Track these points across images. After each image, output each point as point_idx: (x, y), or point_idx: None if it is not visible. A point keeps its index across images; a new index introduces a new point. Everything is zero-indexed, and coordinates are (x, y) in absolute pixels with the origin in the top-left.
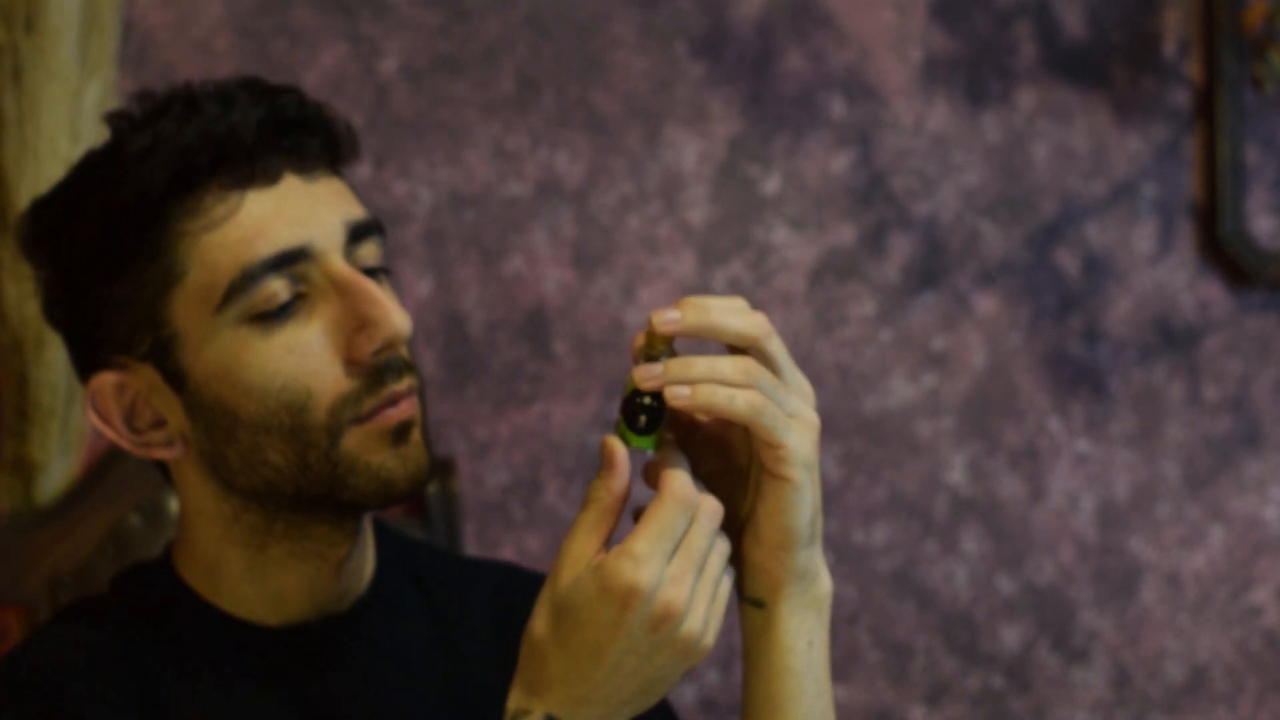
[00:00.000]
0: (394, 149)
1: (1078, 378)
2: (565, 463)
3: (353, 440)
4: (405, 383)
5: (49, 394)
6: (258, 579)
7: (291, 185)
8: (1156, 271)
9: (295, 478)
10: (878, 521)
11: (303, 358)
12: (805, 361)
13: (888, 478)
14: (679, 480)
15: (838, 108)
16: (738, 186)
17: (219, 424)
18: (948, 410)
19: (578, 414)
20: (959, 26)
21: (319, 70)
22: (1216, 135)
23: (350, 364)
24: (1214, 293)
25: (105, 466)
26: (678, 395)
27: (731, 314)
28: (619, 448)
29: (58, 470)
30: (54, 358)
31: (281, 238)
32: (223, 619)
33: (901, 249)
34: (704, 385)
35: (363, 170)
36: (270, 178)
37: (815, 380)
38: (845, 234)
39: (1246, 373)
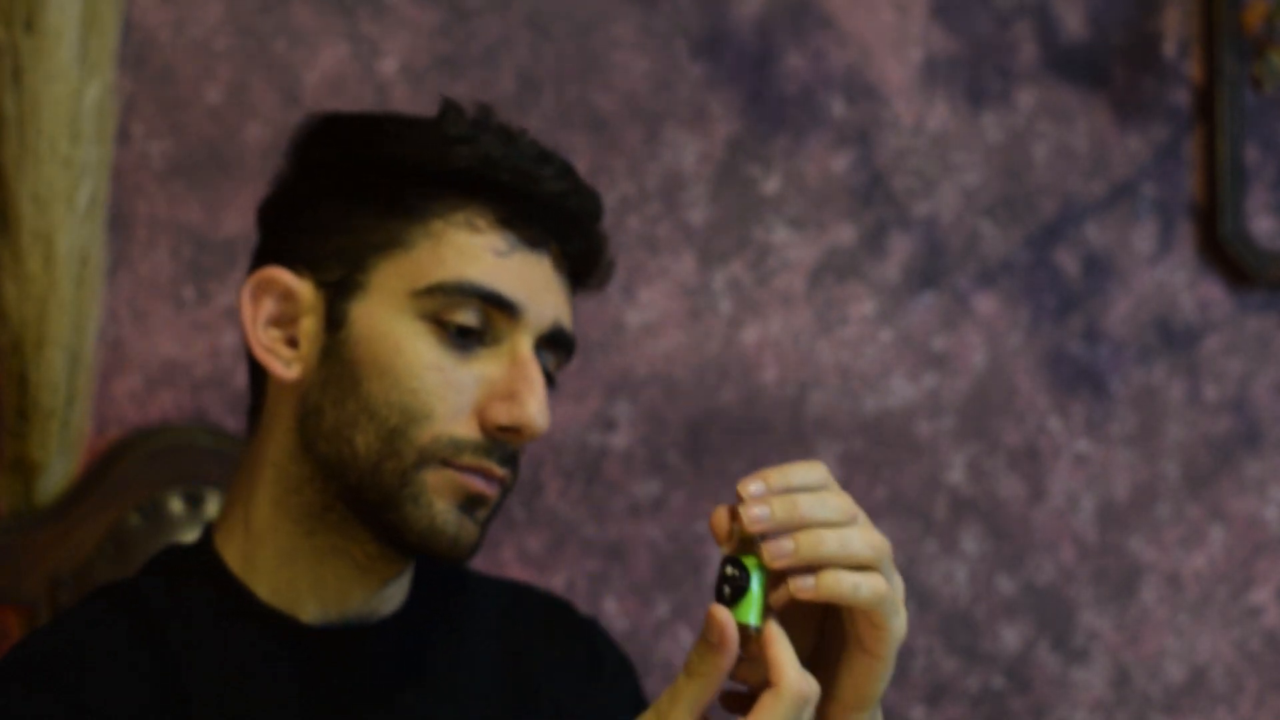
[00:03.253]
0: None
1: (1078, 378)
2: (565, 463)
3: (432, 476)
4: (503, 471)
5: (49, 394)
6: (297, 565)
7: (541, 260)
8: (1156, 271)
9: (364, 471)
10: (878, 521)
11: (446, 383)
12: (805, 361)
13: (888, 478)
14: (795, 672)
15: (838, 108)
16: (738, 186)
17: (340, 381)
18: (948, 410)
19: (578, 414)
20: (959, 26)
21: (319, 70)
22: (1216, 135)
23: (478, 420)
24: (1214, 293)
25: (105, 466)
26: (803, 589)
27: (832, 512)
28: (729, 622)
29: (58, 470)
30: (54, 358)
31: (507, 285)
32: (253, 603)
33: (901, 249)
34: (829, 575)
35: None
36: (536, 242)
37: (815, 380)
38: (845, 234)
39: (1246, 373)
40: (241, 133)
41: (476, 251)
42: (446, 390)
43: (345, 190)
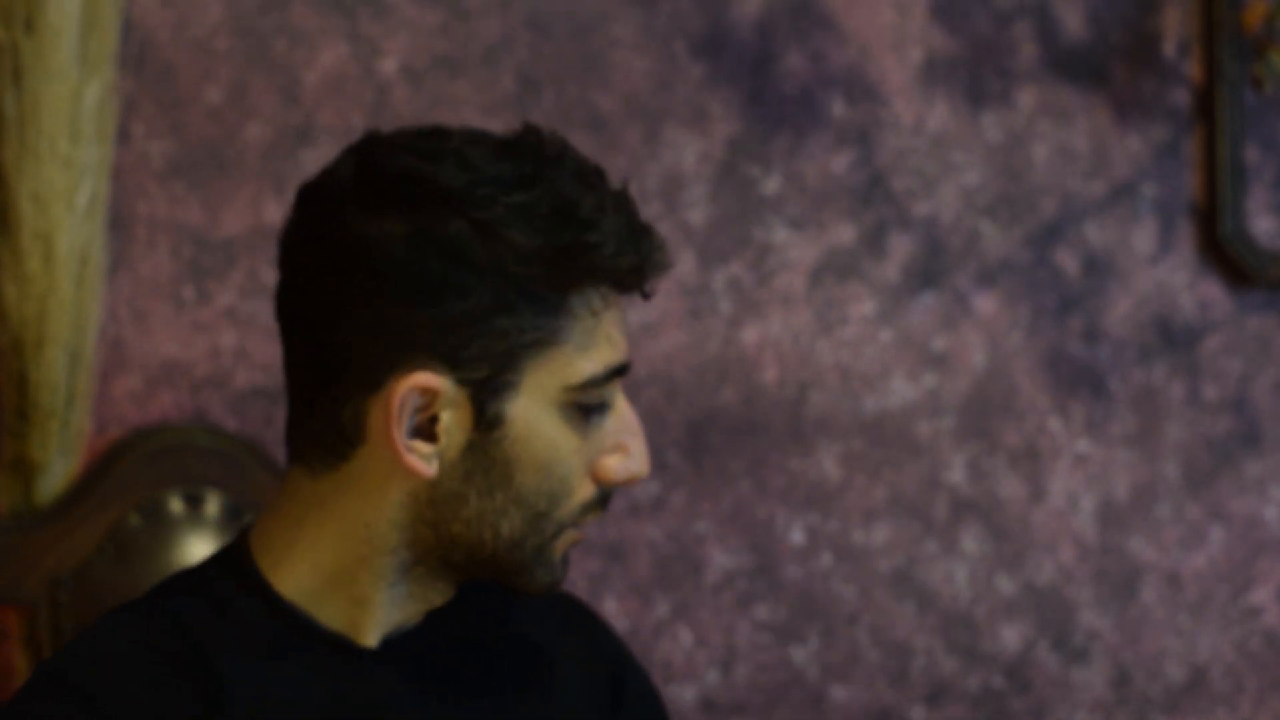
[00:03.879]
0: None
1: (1078, 378)
2: None
3: (560, 541)
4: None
5: (49, 394)
6: (364, 601)
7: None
8: (1156, 271)
9: (501, 550)
10: (878, 521)
11: (583, 459)
12: (805, 361)
13: (888, 478)
14: None
15: (838, 108)
16: (738, 186)
17: (488, 474)
18: (948, 410)
19: None
20: (959, 26)
21: (319, 70)
22: (1216, 135)
23: (592, 477)
24: (1214, 293)
25: (105, 466)
26: None
27: None
28: None
29: (58, 470)
30: (54, 358)
31: (624, 350)
32: (313, 629)
33: (901, 249)
34: None
35: None
36: (644, 295)
37: (815, 380)
38: (845, 234)
39: (1246, 373)
40: (241, 133)
41: (610, 330)
42: (582, 463)
43: (487, 288)
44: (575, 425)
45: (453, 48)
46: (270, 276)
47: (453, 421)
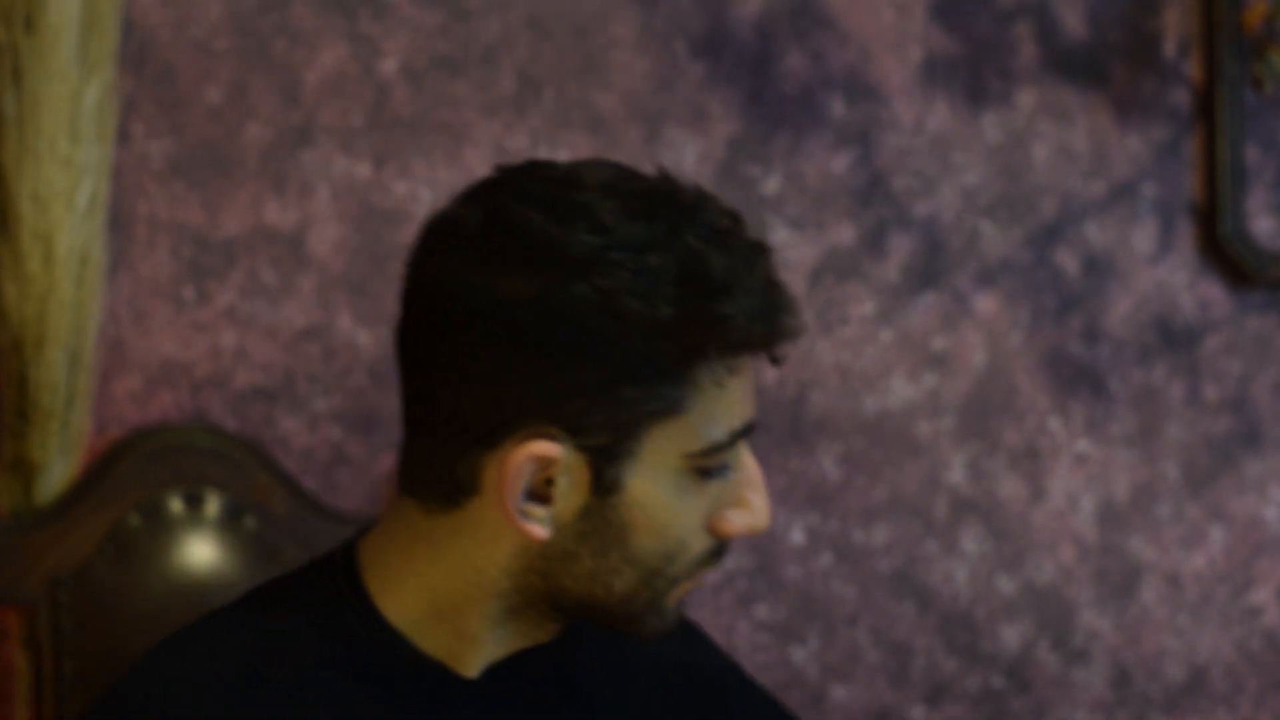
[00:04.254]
0: (394, 149)
1: (1078, 378)
2: None
3: (674, 593)
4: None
5: (49, 394)
6: (469, 635)
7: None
8: (1156, 271)
9: (614, 605)
10: (878, 521)
11: (702, 516)
12: (805, 361)
13: (888, 478)
14: None
15: (838, 108)
16: (738, 186)
17: (603, 535)
18: (948, 410)
19: None
20: (959, 26)
21: (319, 70)
22: (1216, 135)
23: (710, 529)
24: (1214, 293)
25: (105, 466)
26: None
27: None
28: None
29: (58, 470)
30: (54, 358)
31: (750, 409)
32: (418, 656)
33: (901, 249)
34: None
35: (362, 170)
36: (774, 361)
37: (815, 380)
38: (845, 234)
39: (1246, 373)
40: (241, 133)
41: (738, 396)
42: (701, 524)
43: (611, 357)
44: (694, 487)
45: (453, 48)
46: (270, 276)
47: (568, 486)
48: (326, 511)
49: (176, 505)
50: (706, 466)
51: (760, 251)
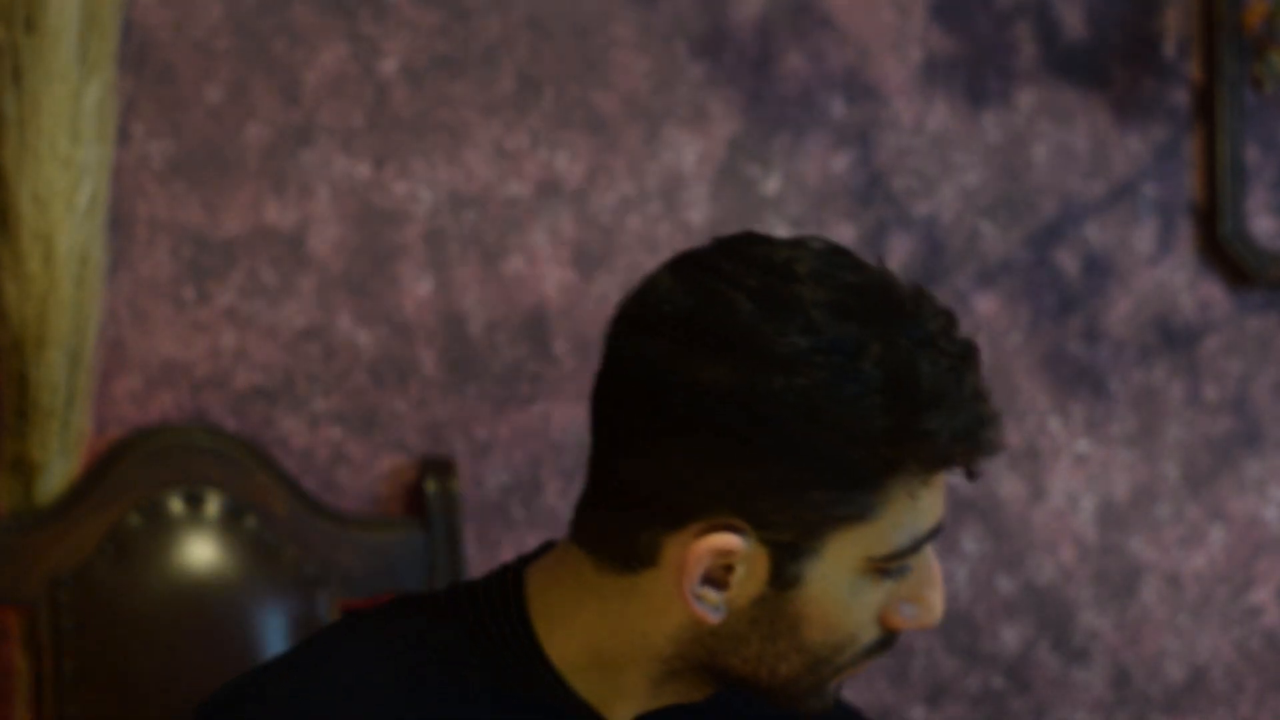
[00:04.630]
0: (394, 149)
1: (1078, 378)
2: (565, 463)
3: (837, 678)
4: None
5: (49, 394)
6: (624, 688)
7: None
8: (1156, 271)
9: (780, 684)
10: None
11: (875, 611)
12: None
13: None
14: None
15: (838, 108)
16: (738, 186)
17: (774, 623)
18: None
19: (578, 414)
20: (959, 26)
21: (319, 70)
22: (1216, 135)
23: (881, 620)
24: (1214, 293)
25: (105, 466)
26: None
27: None
28: None
29: (58, 470)
30: (54, 358)
31: (939, 513)
32: (576, 702)
33: (901, 249)
34: None
35: (362, 170)
36: (970, 476)
37: None
38: (845, 234)
39: (1246, 373)
40: (241, 133)
41: (928, 504)
42: (874, 619)
43: (807, 459)
44: (872, 587)
45: (453, 48)
46: (270, 276)
47: (746, 574)
48: (326, 511)
49: (176, 505)
50: (888, 568)
51: (970, 361)
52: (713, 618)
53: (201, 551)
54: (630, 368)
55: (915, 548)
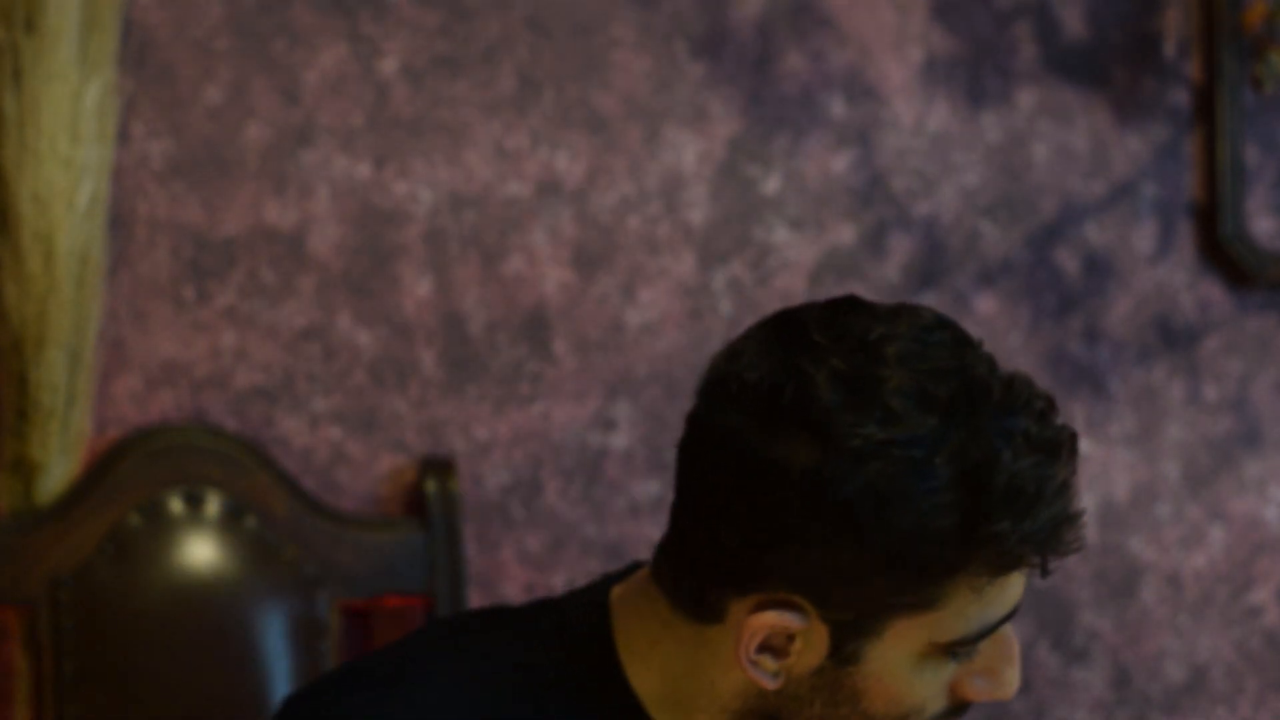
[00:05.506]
0: (394, 149)
1: (1078, 378)
2: (565, 463)
3: None
4: None
5: (49, 394)
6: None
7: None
8: (1156, 271)
9: None
10: None
11: (943, 686)
12: None
13: None
14: None
15: (838, 108)
16: (738, 186)
17: (834, 695)
18: None
19: (578, 414)
20: (959, 26)
21: (319, 70)
22: (1216, 135)
23: (952, 691)
24: (1214, 293)
25: (105, 466)
26: None
27: None
28: None
29: (58, 470)
30: (54, 358)
31: (1013, 601)
32: (641, 714)
33: (901, 249)
34: None
35: (362, 170)
36: (1042, 573)
37: None
38: (845, 234)
39: (1246, 373)
40: (241, 133)
41: (997, 598)
42: (942, 691)
43: (874, 549)
44: (939, 665)
45: (453, 48)
46: (270, 276)
47: (805, 647)
48: (326, 511)
49: (176, 505)
50: (954, 652)
51: (1057, 456)
52: (769, 684)
53: (201, 551)
54: (709, 433)
55: (983, 635)
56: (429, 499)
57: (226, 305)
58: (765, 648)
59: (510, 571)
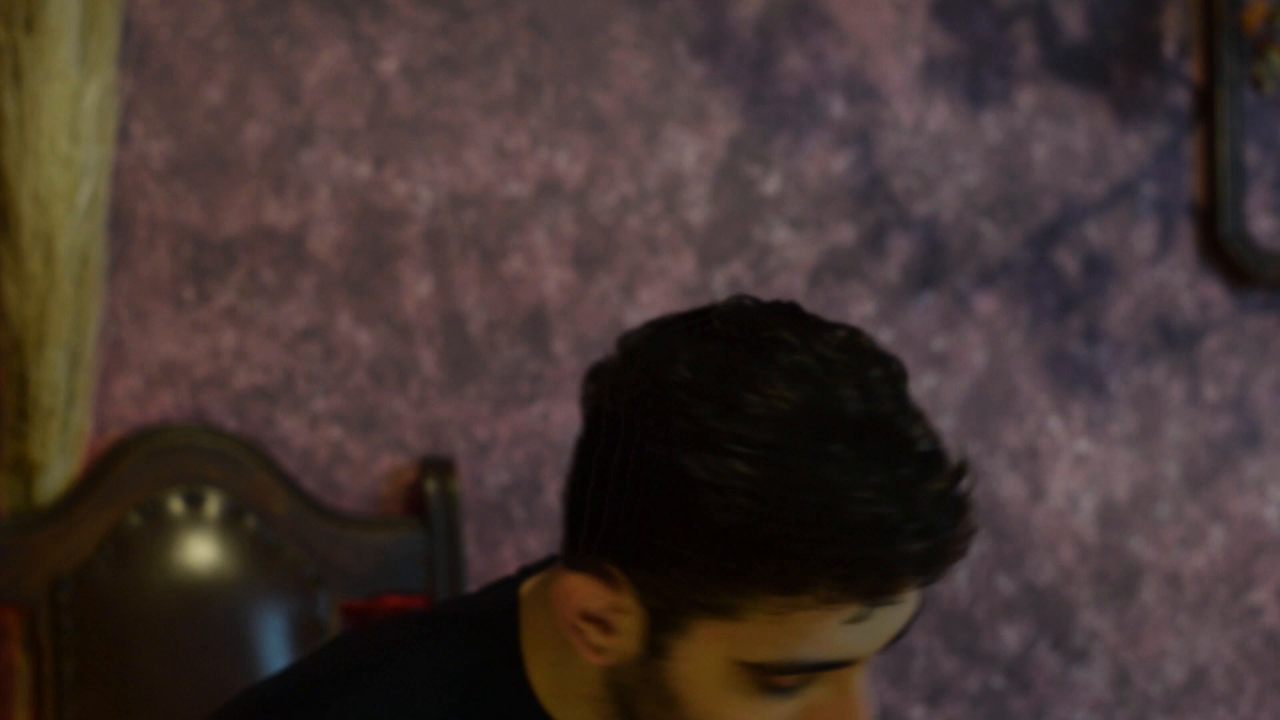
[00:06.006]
0: (394, 149)
1: (1078, 378)
2: (565, 463)
3: None
4: None
5: (49, 394)
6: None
7: (897, 606)
8: (1156, 271)
9: None
10: None
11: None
12: None
13: None
14: None
15: (838, 108)
16: (738, 186)
17: (660, 691)
18: (948, 410)
19: (578, 414)
20: (959, 26)
21: (319, 70)
22: (1216, 135)
23: None
24: (1214, 293)
25: (105, 466)
26: None
27: None
28: None
29: (58, 470)
30: (54, 358)
31: (848, 648)
32: (535, 710)
33: (901, 249)
34: None
35: (363, 170)
36: (899, 599)
37: None
38: (845, 234)
39: (1246, 373)
40: (241, 133)
41: (821, 630)
42: None
43: (676, 538)
44: (753, 692)
45: (453, 48)
46: (270, 276)
47: (628, 628)
48: (326, 511)
49: (176, 505)
50: (766, 681)
51: (898, 503)
52: (592, 657)
53: (201, 551)
54: (589, 412)
55: (793, 670)
56: (429, 499)
57: (226, 305)
58: (591, 618)
59: (510, 571)
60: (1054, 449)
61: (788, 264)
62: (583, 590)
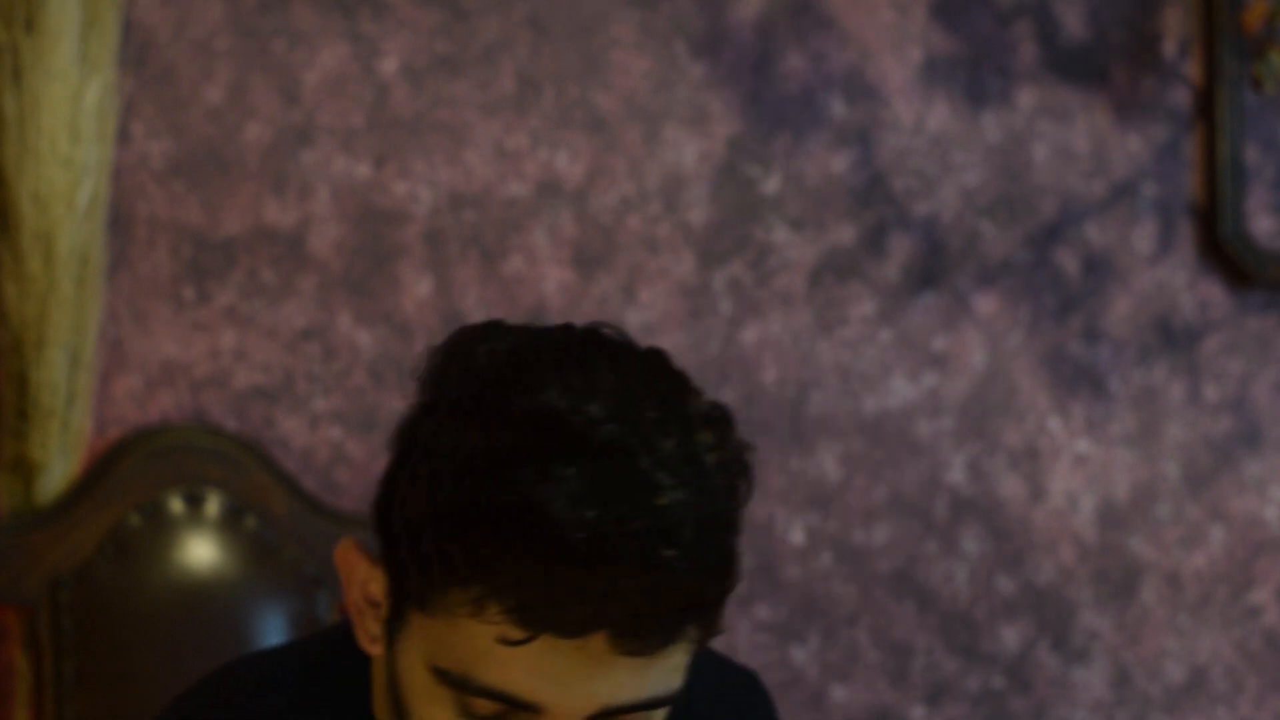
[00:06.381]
0: (394, 149)
1: (1078, 378)
2: None
3: None
4: None
5: (49, 394)
6: None
7: (580, 646)
8: (1156, 271)
9: None
10: (878, 521)
11: None
12: (805, 362)
13: (888, 478)
14: None
15: (838, 108)
16: (738, 186)
17: (397, 690)
18: (948, 410)
19: None
20: (959, 26)
21: (319, 70)
22: (1216, 135)
23: None
24: (1214, 293)
25: (105, 466)
26: None
27: None
28: None
29: (58, 470)
30: (54, 358)
31: (527, 686)
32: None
33: (901, 249)
34: None
35: (363, 170)
36: (571, 630)
37: (815, 380)
38: (845, 234)
39: (1246, 373)
40: (241, 133)
41: (480, 641)
42: None
43: (396, 518)
44: (446, 701)
45: (453, 48)
46: (270, 276)
47: (382, 616)
48: (326, 511)
49: (176, 505)
50: (463, 702)
51: (616, 536)
52: (369, 646)
53: (201, 551)
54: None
55: (476, 690)
56: None
57: (226, 305)
58: (372, 602)
59: None
60: (1054, 449)
61: (788, 264)
62: (348, 563)
